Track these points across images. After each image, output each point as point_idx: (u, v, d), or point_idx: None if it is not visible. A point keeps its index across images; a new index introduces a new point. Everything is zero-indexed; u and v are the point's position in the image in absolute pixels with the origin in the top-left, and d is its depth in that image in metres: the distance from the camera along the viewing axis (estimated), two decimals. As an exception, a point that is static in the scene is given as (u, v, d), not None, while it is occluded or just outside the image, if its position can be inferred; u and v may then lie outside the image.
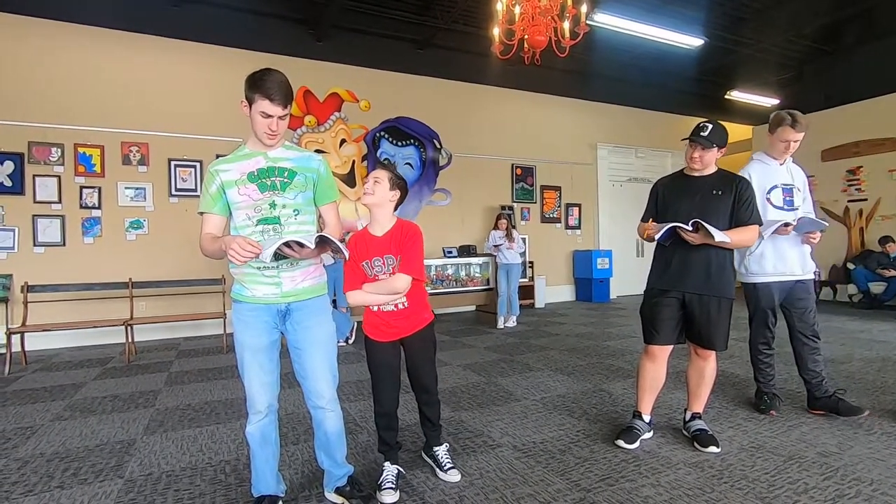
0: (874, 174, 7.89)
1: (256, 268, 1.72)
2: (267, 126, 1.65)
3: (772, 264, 2.78)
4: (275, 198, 1.71)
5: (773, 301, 2.83)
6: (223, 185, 1.68)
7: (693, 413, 2.55)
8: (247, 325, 1.73)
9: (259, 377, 1.75)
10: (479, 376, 3.90)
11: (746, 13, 7.19)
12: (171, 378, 4.07)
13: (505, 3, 3.89)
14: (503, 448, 2.49)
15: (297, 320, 1.80)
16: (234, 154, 1.75)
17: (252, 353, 1.74)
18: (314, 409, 1.88)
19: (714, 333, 2.39)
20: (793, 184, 2.82)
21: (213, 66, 6.19)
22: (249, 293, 1.73)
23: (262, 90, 1.60)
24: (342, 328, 5.39)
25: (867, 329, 5.42)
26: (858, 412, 2.67)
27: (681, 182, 2.51)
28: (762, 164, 2.86)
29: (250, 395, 1.77)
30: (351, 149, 7.07)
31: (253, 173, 1.69)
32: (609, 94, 9.08)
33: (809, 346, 2.82)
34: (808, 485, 2.03)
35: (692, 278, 2.37)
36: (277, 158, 1.74)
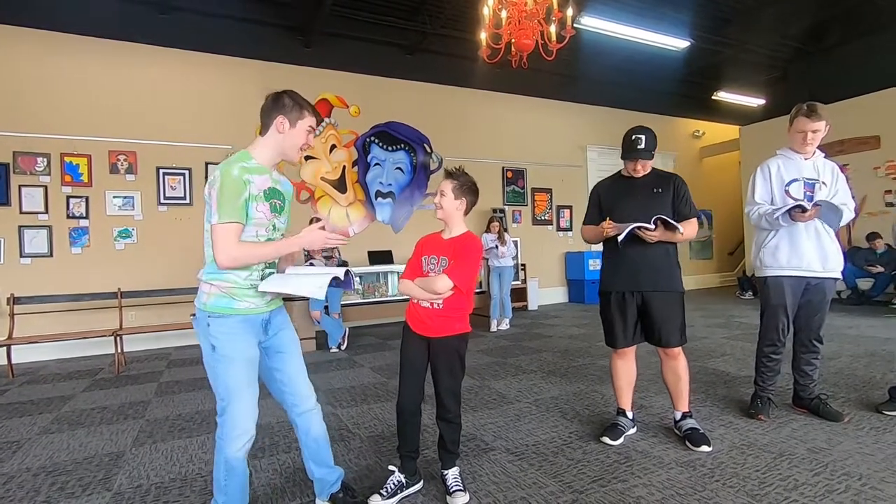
0: (860, 172, 7.99)
1: (249, 284, 1.69)
2: (307, 141, 1.75)
3: (786, 257, 2.65)
4: (276, 220, 1.74)
5: (784, 298, 2.67)
6: (250, 197, 1.62)
7: (682, 413, 2.55)
8: (240, 336, 1.67)
9: (253, 393, 1.69)
10: (472, 379, 3.89)
11: (731, 15, 7.29)
12: (162, 388, 4.02)
13: (491, 7, 3.91)
14: (496, 451, 2.49)
15: (277, 325, 1.81)
16: (249, 164, 1.66)
17: (247, 367, 1.67)
18: (300, 416, 1.85)
19: (669, 329, 2.43)
20: (817, 178, 2.64)
21: (201, 74, 6.16)
22: (241, 305, 1.68)
23: (310, 109, 1.74)
24: (334, 334, 5.37)
25: (855, 325, 5.48)
26: (839, 418, 2.65)
27: (622, 184, 2.58)
28: (785, 157, 2.75)
29: (241, 415, 1.65)
30: (341, 154, 7.03)
31: (266, 192, 1.68)
32: (597, 96, 9.16)
33: (808, 348, 2.75)
34: (798, 481, 2.04)
35: (643, 276, 2.43)
36: (276, 181, 1.76)
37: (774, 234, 2.68)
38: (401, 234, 7.42)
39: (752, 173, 2.84)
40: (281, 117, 1.69)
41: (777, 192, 2.70)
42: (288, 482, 2.24)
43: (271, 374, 1.83)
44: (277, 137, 1.71)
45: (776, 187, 2.70)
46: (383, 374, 4.20)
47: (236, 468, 1.69)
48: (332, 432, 2.78)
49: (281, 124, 1.70)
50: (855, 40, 8.14)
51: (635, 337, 2.52)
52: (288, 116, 1.70)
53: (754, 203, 2.76)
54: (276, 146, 1.73)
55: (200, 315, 1.68)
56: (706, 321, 6.26)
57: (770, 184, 2.73)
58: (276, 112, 1.70)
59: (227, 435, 1.66)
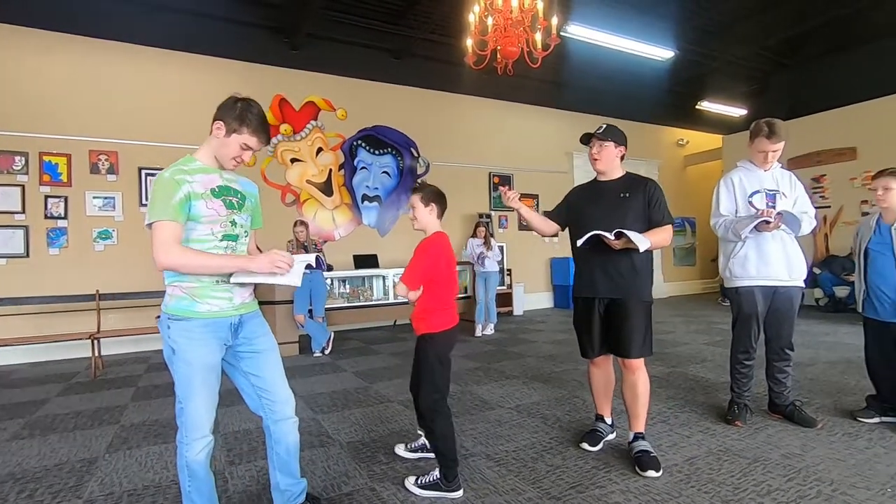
0: (837, 182, 8.18)
1: (214, 281, 1.67)
2: (241, 157, 1.72)
3: (755, 268, 2.70)
4: (234, 216, 1.72)
5: (755, 307, 2.73)
6: (190, 196, 1.60)
7: (635, 433, 2.40)
8: (201, 342, 1.63)
9: (210, 398, 1.67)
10: (454, 385, 3.87)
11: (714, 27, 7.44)
12: (139, 393, 3.95)
13: (477, 14, 3.94)
14: (476, 457, 2.48)
15: (252, 329, 1.78)
16: (190, 166, 1.66)
17: (205, 373, 1.64)
18: (278, 423, 1.81)
19: (631, 339, 2.31)
20: (777, 189, 2.72)
21: (186, 74, 6.10)
22: (203, 308, 1.64)
23: (253, 127, 1.67)
24: (318, 338, 5.33)
25: (832, 332, 5.59)
26: (813, 424, 2.68)
27: (593, 189, 2.54)
28: (746, 169, 2.82)
29: (197, 418, 1.64)
30: (328, 157, 7.03)
31: (215, 189, 1.67)
32: (583, 104, 9.25)
33: (780, 356, 2.79)
34: (771, 486, 2.07)
35: (605, 283, 2.37)
36: (230, 179, 1.75)
37: (742, 244, 2.71)
38: (387, 238, 7.46)
39: (716, 185, 2.89)
40: (220, 122, 1.66)
41: (741, 204, 2.75)
42: (265, 490, 2.21)
43: (247, 380, 1.79)
44: (214, 142, 1.69)
45: (740, 199, 2.76)
46: (366, 379, 4.18)
47: (198, 472, 1.67)
48: (311, 438, 2.78)
49: (217, 129, 1.67)
50: (832, 54, 8.35)
51: (604, 345, 2.44)
52: (226, 125, 1.65)
53: (719, 215, 2.81)
54: (213, 149, 1.70)
55: (163, 317, 1.66)
56: (687, 327, 6.34)
57: (734, 196, 2.79)
58: (219, 115, 1.67)
59: (185, 438, 1.65)
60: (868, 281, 2.75)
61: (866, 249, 2.77)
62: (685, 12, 6.92)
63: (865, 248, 2.78)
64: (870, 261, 2.75)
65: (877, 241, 2.74)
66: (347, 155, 7.16)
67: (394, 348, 5.58)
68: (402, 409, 3.32)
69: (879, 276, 2.69)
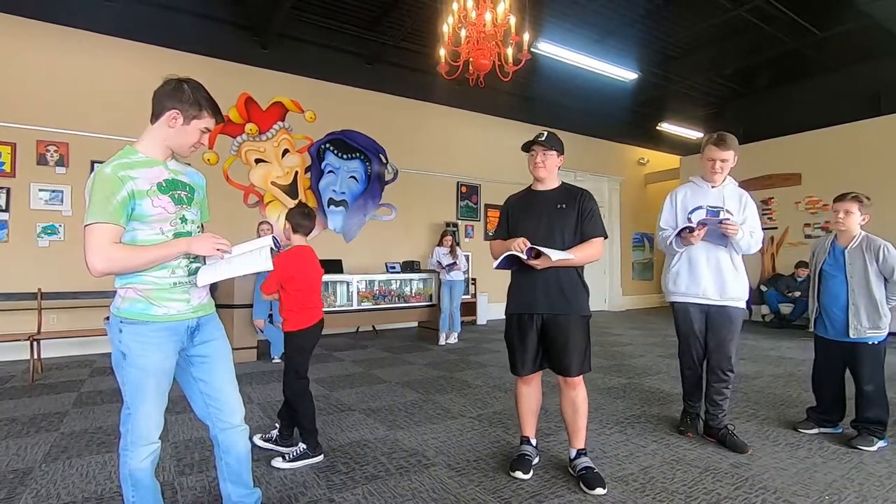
0: (783, 205, 8.69)
1: (171, 283, 1.59)
2: (200, 141, 1.65)
3: (685, 284, 2.72)
4: (184, 212, 1.63)
5: (690, 324, 2.75)
6: (133, 194, 1.49)
7: (578, 450, 2.35)
8: (155, 347, 1.55)
9: (161, 404, 1.60)
10: (416, 393, 3.86)
11: (675, 52, 7.79)
12: (82, 398, 3.73)
13: (451, 25, 3.99)
14: (437, 467, 2.47)
15: (208, 332, 1.70)
16: (132, 159, 1.54)
17: (157, 379, 1.56)
18: (225, 432, 1.72)
19: (570, 355, 2.24)
20: (721, 206, 2.68)
21: (147, 67, 5.87)
22: (159, 311, 1.56)
23: (211, 108, 1.62)
24: (278, 344, 5.18)
25: (777, 347, 5.90)
26: (744, 449, 2.61)
27: (530, 198, 2.44)
28: (694, 185, 2.83)
29: (146, 425, 1.56)
30: (294, 159, 6.91)
31: (161, 184, 1.57)
32: (551, 119, 9.45)
33: (718, 377, 2.73)
34: (720, 495, 2.15)
35: (543, 298, 2.27)
36: (176, 171, 1.65)
37: (678, 260, 2.75)
38: (352, 244, 7.37)
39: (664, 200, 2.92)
40: (175, 111, 1.56)
41: (681, 219, 2.76)
42: (216, 502, 2.12)
43: (195, 385, 1.71)
44: (167, 132, 1.58)
45: (680, 214, 2.78)
46: (326, 387, 4.09)
47: (142, 481, 1.59)
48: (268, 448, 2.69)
49: (173, 119, 1.56)
50: (781, 86, 8.90)
51: (536, 363, 2.35)
52: (183, 112, 1.56)
53: (660, 229, 2.85)
54: (164, 140, 1.59)
55: (114, 320, 1.56)
56: (644, 339, 6.54)
57: (675, 210, 2.80)
58: (170, 103, 1.56)
59: (129, 444, 1.57)
60: (821, 301, 2.86)
61: (821, 270, 2.87)
62: (648, 37, 7.23)
63: (820, 270, 2.87)
64: (823, 282, 2.85)
65: (831, 263, 2.83)
66: (314, 158, 7.06)
67: (356, 355, 5.50)
68: (363, 418, 3.26)
69: (831, 297, 2.80)
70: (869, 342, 2.70)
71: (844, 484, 2.25)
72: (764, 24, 6.66)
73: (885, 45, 6.91)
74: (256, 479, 2.24)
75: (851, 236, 2.79)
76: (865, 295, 2.70)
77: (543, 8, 6.35)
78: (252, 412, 3.38)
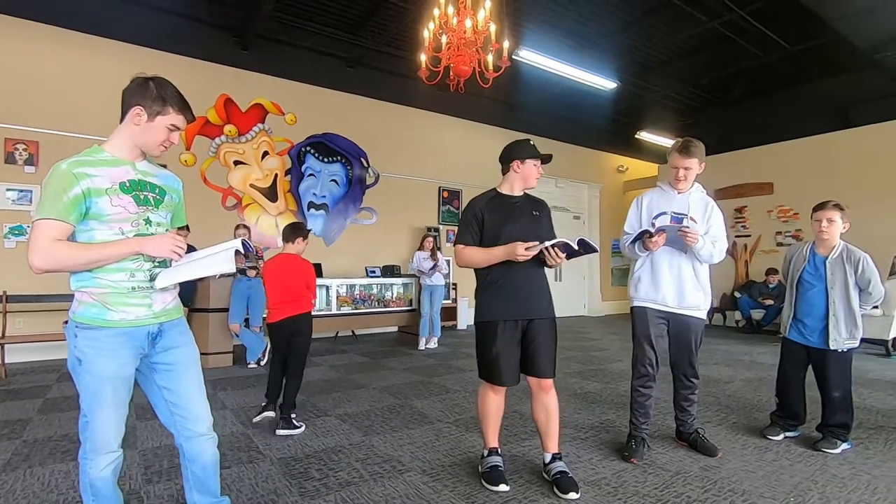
0: (756, 213, 8.92)
1: (129, 287, 1.54)
2: (169, 139, 1.61)
3: (645, 290, 2.71)
4: (149, 214, 1.59)
5: (647, 329, 2.68)
6: (90, 192, 1.45)
7: (553, 455, 2.35)
8: (111, 353, 1.50)
9: (120, 412, 1.55)
10: (394, 398, 3.84)
11: (653, 63, 7.96)
12: (47, 405, 3.61)
13: (432, 31, 4.01)
14: (412, 473, 2.46)
15: (171, 339, 1.65)
16: (95, 158, 1.51)
17: (115, 386, 1.51)
18: (190, 440, 1.66)
19: (550, 357, 2.30)
20: (686, 213, 2.68)
21: (123, 66, 5.75)
22: (116, 316, 1.51)
23: (178, 105, 1.58)
24: (254, 348, 5.11)
25: (749, 352, 6.03)
26: (714, 453, 2.65)
27: (502, 203, 2.39)
28: (660, 191, 2.83)
29: (103, 433, 1.52)
30: (274, 162, 6.84)
31: (125, 184, 1.53)
32: (533, 126, 9.55)
33: (683, 383, 2.75)
34: (690, 498, 2.19)
35: (531, 302, 2.29)
36: (146, 172, 1.61)
37: (641, 265, 2.75)
38: (332, 247, 7.31)
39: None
40: (139, 108, 1.53)
41: (645, 224, 2.74)
42: (184, 509, 2.08)
43: (159, 393, 1.65)
44: (133, 129, 1.55)
45: (645, 219, 2.77)
46: (303, 392, 4.02)
47: (102, 491, 1.54)
48: (239, 454, 2.66)
49: (137, 116, 1.53)
50: (756, 97, 9.15)
51: (518, 373, 2.31)
52: (147, 108, 1.53)
53: (624, 233, 2.83)
54: (131, 138, 1.56)
55: (70, 324, 1.51)
56: (622, 345, 6.62)
57: (640, 215, 2.79)
58: (134, 100, 1.53)
59: (88, 453, 1.53)
60: (797, 308, 2.87)
61: (799, 279, 2.87)
62: (627, 47, 7.37)
63: (799, 278, 2.88)
64: (801, 291, 2.86)
65: (811, 272, 2.84)
66: (295, 161, 7.00)
67: (334, 360, 5.45)
68: (339, 424, 3.23)
69: (809, 306, 2.81)
70: (840, 350, 2.76)
71: (809, 486, 2.31)
72: (737, 38, 6.86)
73: (851, 60, 7.17)
74: (226, 487, 2.20)
75: (832, 245, 2.79)
76: (845, 306, 2.72)
77: (524, 16, 6.44)
78: (225, 418, 3.32)
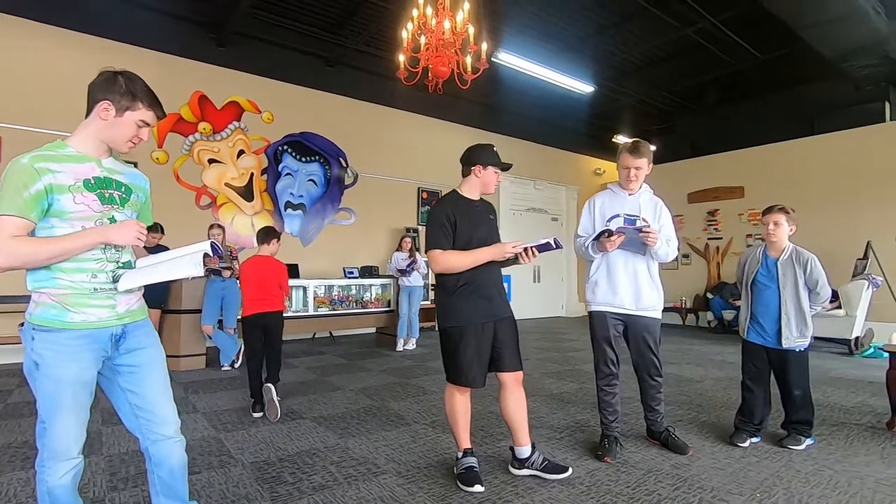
0: (728, 217, 9.16)
1: (91, 288, 1.48)
2: (138, 135, 1.56)
3: (602, 294, 2.73)
4: (114, 213, 1.54)
5: (607, 332, 2.72)
6: (52, 189, 1.40)
7: (532, 444, 2.42)
8: (71, 357, 1.45)
9: (80, 417, 1.49)
10: (371, 400, 3.81)
11: (629, 68, 8.10)
12: (7, 410, 3.48)
13: (410, 32, 4.00)
14: (387, 475, 2.44)
15: (136, 340, 1.60)
16: (59, 153, 1.46)
17: (75, 391, 1.46)
18: (157, 444, 1.61)
19: (518, 351, 2.39)
20: (638, 215, 2.73)
21: (93, 60, 5.56)
22: (77, 318, 1.46)
23: (147, 100, 1.53)
24: (227, 350, 5.01)
25: (720, 352, 6.18)
26: (685, 450, 2.71)
27: (468, 208, 2.41)
28: (611, 192, 2.85)
29: (62, 440, 1.46)
30: (250, 160, 6.73)
31: (89, 181, 1.48)
32: (512, 128, 9.64)
33: (648, 383, 2.79)
34: (661, 496, 2.23)
35: (503, 303, 2.40)
36: (112, 170, 1.56)
37: (596, 269, 2.75)
38: (310, 248, 7.23)
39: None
40: (106, 102, 1.47)
41: (598, 226, 2.76)
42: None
43: (123, 396, 1.60)
44: (99, 124, 1.50)
45: (598, 222, 2.78)
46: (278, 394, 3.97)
47: (61, 499, 1.48)
48: (210, 459, 2.60)
49: (104, 110, 1.48)
50: (729, 103, 9.40)
51: (486, 373, 2.36)
52: (115, 103, 1.48)
53: (577, 235, 2.83)
54: (97, 133, 1.51)
55: (27, 326, 1.45)
56: (598, 345, 6.70)
57: (593, 218, 2.81)
58: (102, 94, 1.48)
59: (46, 460, 1.47)
60: (753, 310, 2.97)
61: (754, 280, 2.98)
62: (604, 52, 7.49)
63: (753, 280, 2.98)
64: (756, 292, 2.96)
65: (764, 273, 2.94)
66: (272, 160, 6.90)
67: (311, 362, 5.39)
68: (314, 426, 3.19)
69: (764, 307, 2.91)
70: (796, 349, 2.85)
71: (774, 482, 2.37)
72: (710, 45, 7.03)
73: (817, 69, 7.43)
74: (195, 493, 2.16)
75: (782, 247, 2.92)
76: (795, 305, 2.84)
77: (503, 20, 6.48)
78: (197, 422, 3.24)
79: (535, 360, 5.50)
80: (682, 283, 9.59)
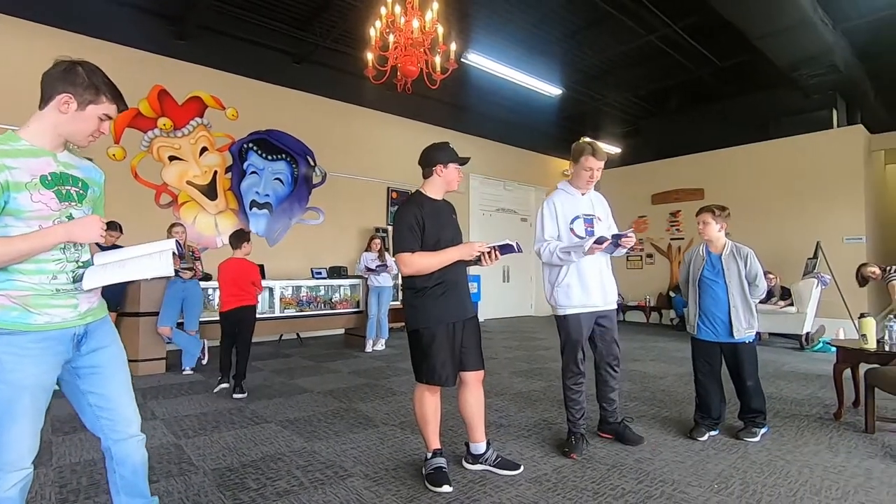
0: (689, 218, 9.46)
1: (53, 289, 1.42)
2: (99, 129, 1.50)
3: (578, 296, 2.74)
4: (72, 210, 1.47)
5: (581, 333, 2.78)
6: (8, 186, 1.33)
7: (487, 441, 2.50)
8: (32, 360, 1.38)
9: (35, 425, 1.41)
10: (339, 402, 3.76)
11: (595, 72, 8.29)
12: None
13: (378, 30, 3.96)
14: (354, 478, 2.41)
15: (97, 339, 1.55)
16: (12, 146, 1.38)
17: (34, 396, 1.39)
18: (119, 443, 1.57)
19: (481, 351, 2.46)
20: (593, 214, 2.84)
21: (46, 50, 5.30)
22: (40, 319, 1.40)
23: (111, 94, 1.49)
24: (191, 351, 4.85)
25: (681, 349, 6.38)
26: (639, 442, 2.81)
27: (434, 208, 2.41)
28: (566, 193, 2.88)
29: (15, 449, 1.38)
30: (213, 158, 6.53)
31: (46, 178, 1.41)
32: (481, 129, 9.70)
33: (611, 374, 2.88)
34: (624, 489, 2.28)
35: (469, 303, 2.46)
36: (68, 164, 1.49)
37: (566, 273, 2.75)
38: (276, 248, 7.08)
39: (539, 210, 2.91)
40: (67, 95, 1.41)
41: (563, 229, 2.79)
42: (104, 528, 1.93)
43: (84, 398, 1.54)
44: (59, 118, 1.43)
45: (562, 225, 2.80)
46: (243, 398, 3.88)
47: None
48: (169, 466, 2.51)
49: (65, 104, 1.41)
50: (690, 108, 9.73)
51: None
52: (77, 96, 1.42)
53: (544, 240, 2.80)
54: (55, 127, 1.44)
55: None
56: (566, 344, 6.82)
57: (556, 220, 2.81)
58: (62, 86, 1.41)
59: None
60: (702, 307, 3.07)
61: (701, 277, 3.10)
62: (571, 56, 7.64)
63: (700, 277, 3.10)
64: (704, 288, 3.07)
65: (709, 269, 3.07)
66: (236, 157, 6.72)
67: (277, 365, 5.27)
68: (279, 430, 3.12)
69: (714, 301, 3.02)
70: (746, 341, 2.98)
71: (731, 473, 2.47)
72: (672, 52, 7.26)
73: (772, 77, 7.77)
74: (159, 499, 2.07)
75: (721, 244, 3.08)
76: (741, 297, 2.98)
77: (472, 21, 6.52)
78: (155, 429, 3.12)
79: (503, 360, 5.54)
80: (645, 282, 9.87)
